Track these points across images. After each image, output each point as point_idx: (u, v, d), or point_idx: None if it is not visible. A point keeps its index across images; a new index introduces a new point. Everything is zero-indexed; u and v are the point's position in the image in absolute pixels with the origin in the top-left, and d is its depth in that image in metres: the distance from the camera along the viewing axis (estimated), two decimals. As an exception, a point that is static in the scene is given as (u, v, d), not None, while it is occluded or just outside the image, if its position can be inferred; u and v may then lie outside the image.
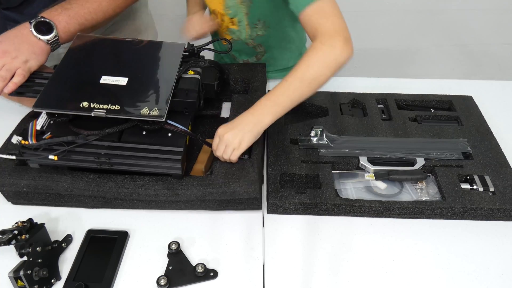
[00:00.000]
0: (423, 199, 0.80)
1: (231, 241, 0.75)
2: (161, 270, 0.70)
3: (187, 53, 0.89)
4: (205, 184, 0.74)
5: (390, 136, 0.91)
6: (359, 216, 0.79)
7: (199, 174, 0.81)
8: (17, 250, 0.67)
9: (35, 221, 0.71)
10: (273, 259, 0.72)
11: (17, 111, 0.93)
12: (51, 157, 0.72)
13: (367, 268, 0.71)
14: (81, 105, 0.71)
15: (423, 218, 0.78)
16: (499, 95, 1.08)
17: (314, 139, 0.88)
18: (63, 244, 0.72)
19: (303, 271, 0.70)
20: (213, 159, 0.82)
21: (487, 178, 0.82)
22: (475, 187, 0.81)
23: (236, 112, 0.86)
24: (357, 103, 1.02)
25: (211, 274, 0.69)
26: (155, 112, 0.71)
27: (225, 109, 0.99)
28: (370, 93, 1.02)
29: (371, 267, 0.71)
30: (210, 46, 0.93)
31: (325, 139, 0.88)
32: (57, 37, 0.83)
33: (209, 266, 0.70)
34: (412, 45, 1.99)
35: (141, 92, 0.75)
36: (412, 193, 0.83)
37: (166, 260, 0.71)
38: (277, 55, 1.09)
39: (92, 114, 0.70)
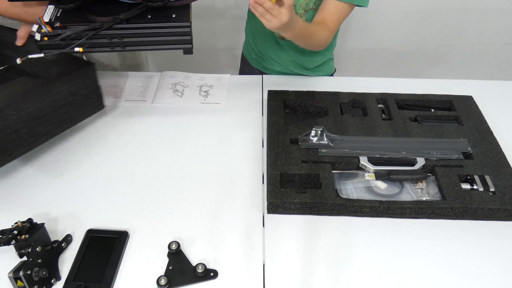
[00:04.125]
0: (424, 199, 0.80)
1: (231, 241, 0.74)
2: (161, 270, 0.70)
3: None
4: None
5: (391, 136, 0.91)
6: (359, 216, 0.79)
7: None
8: (16, 250, 0.67)
9: (34, 221, 0.71)
10: (273, 259, 0.72)
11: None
12: (76, 49, 0.77)
13: (367, 268, 0.71)
14: None
15: (423, 218, 0.78)
16: (499, 95, 1.08)
17: (314, 139, 0.88)
18: (63, 244, 0.72)
19: (303, 271, 0.70)
20: None
21: (487, 178, 0.82)
22: (475, 187, 0.81)
23: None
24: (357, 103, 1.02)
25: (211, 274, 0.69)
26: None
27: None
28: (370, 93, 1.02)
29: (371, 267, 0.71)
30: None
31: (325, 139, 0.88)
32: None
33: (209, 266, 0.70)
34: (412, 45, 1.99)
35: None
36: (413, 193, 0.83)
37: (166, 260, 0.71)
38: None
39: None
